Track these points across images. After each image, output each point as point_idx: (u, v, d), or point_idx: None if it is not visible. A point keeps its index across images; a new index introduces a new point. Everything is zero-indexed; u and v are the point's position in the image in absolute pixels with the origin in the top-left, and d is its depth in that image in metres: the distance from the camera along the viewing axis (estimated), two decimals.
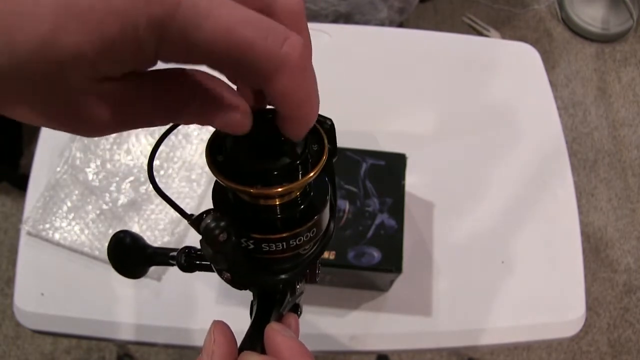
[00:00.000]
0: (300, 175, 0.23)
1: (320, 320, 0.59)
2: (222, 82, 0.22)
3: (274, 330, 0.25)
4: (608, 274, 1.40)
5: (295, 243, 0.26)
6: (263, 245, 0.25)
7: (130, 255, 0.33)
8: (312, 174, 0.23)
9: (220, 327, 0.25)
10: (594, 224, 1.45)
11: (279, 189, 0.23)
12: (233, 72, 0.19)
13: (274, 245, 0.25)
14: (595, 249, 1.42)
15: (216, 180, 0.26)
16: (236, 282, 0.28)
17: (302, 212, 0.26)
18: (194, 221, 0.24)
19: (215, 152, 0.24)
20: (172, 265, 0.32)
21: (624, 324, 1.36)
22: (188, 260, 0.31)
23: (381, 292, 0.61)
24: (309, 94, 0.21)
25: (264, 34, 0.18)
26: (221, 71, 0.19)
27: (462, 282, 0.62)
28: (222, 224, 0.23)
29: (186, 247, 0.31)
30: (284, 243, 0.26)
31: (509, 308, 0.60)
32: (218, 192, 0.27)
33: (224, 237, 0.23)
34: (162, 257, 0.33)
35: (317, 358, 0.92)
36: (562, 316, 0.60)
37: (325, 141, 0.25)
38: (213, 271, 0.29)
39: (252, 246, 0.25)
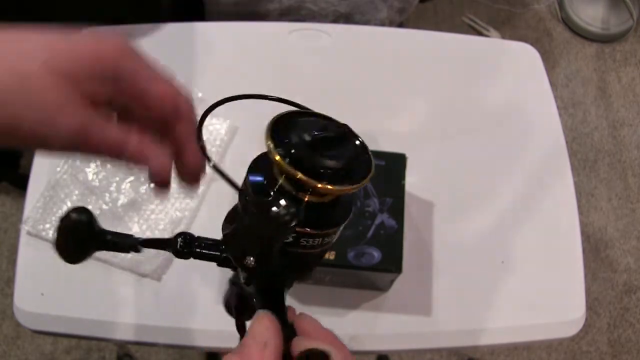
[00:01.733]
0: (361, 178, 0.26)
1: (320, 320, 0.59)
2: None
3: (307, 321, 0.27)
4: (608, 274, 1.40)
5: (327, 241, 0.27)
6: (301, 240, 0.26)
7: (79, 235, 0.30)
8: (367, 178, 0.26)
9: (273, 318, 0.25)
10: (594, 224, 1.45)
11: (350, 187, 0.25)
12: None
13: (310, 240, 0.26)
14: (595, 249, 1.42)
15: (246, 178, 0.27)
16: (259, 273, 0.27)
17: (340, 211, 0.27)
18: (262, 202, 0.25)
19: (279, 144, 0.25)
20: (128, 252, 0.31)
21: (624, 324, 1.36)
22: (185, 245, 0.30)
23: (381, 292, 0.61)
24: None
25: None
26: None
27: (462, 282, 0.62)
28: (292, 210, 0.24)
29: (182, 233, 0.31)
30: (320, 239, 0.27)
31: (509, 308, 0.60)
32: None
33: (295, 222, 0.24)
34: (116, 244, 0.31)
35: None
36: (562, 316, 0.60)
37: (368, 149, 0.28)
38: (208, 260, 0.29)
39: (290, 239, 0.26)
